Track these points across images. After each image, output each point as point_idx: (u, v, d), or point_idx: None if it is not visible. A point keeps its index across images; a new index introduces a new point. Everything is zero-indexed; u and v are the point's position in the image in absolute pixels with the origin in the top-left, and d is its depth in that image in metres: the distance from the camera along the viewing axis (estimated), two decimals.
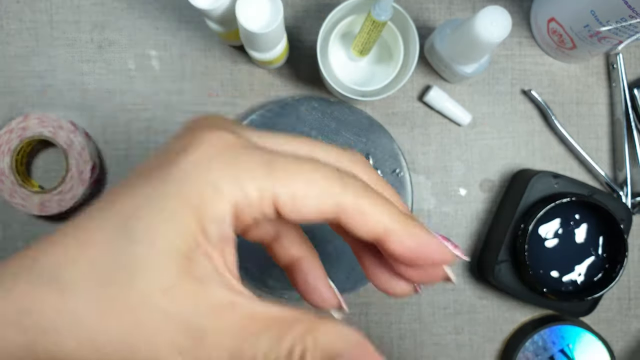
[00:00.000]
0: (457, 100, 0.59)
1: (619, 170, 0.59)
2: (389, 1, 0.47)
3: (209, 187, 0.20)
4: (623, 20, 0.47)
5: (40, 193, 0.55)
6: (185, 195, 0.20)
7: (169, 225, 0.19)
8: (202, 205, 0.20)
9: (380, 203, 0.22)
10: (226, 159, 0.20)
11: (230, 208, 0.20)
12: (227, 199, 0.20)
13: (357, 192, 0.22)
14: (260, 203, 0.21)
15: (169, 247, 0.19)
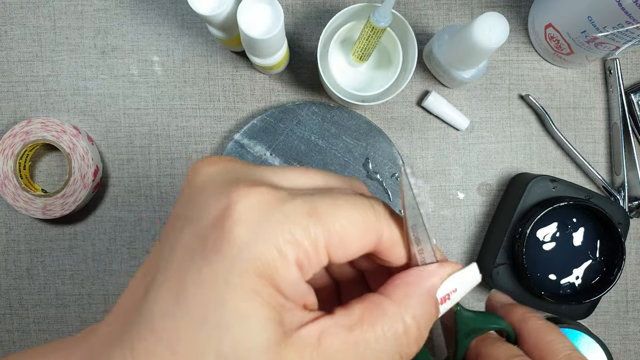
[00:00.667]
0: (456, 105, 0.59)
1: (616, 174, 0.60)
2: (388, 7, 0.47)
3: (274, 252, 0.19)
4: (620, 26, 0.47)
5: (43, 197, 0.56)
6: (255, 268, 0.19)
7: (254, 303, 0.19)
8: (274, 274, 0.19)
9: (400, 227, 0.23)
10: (276, 218, 0.19)
11: (297, 270, 0.20)
12: (293, 260, 0.19)
13: (388, 220, 0.22)
14: (317, 254, 0.20)
15: (262, 323, 0.19)
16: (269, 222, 0.19)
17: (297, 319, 0.20)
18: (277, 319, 0.19)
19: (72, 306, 0.60)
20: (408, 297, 0.22)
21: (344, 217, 0.20)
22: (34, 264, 0.60)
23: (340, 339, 0.20)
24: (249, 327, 0.18)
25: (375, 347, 0.20)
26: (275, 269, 0.19)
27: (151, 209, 0.60)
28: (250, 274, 0.19)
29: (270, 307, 0.19)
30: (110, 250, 0.60)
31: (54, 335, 0.60)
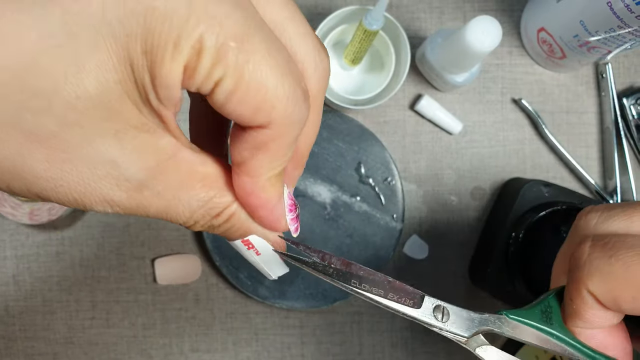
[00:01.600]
0: (448, 109, 0.59)
1: (608, 179, 0.59)
2: (381, 11, 0.47)
3: (169, 38, 0.16)
4: (612, 30, 0.47)
5: (30, 202, 0.55)
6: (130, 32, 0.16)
7: (114, 50, 0.16)
8: (154, 61, 0.17)
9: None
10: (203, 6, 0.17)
11: (181, 75, 0.17)
12: (181, 62, 0.17)
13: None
14: (210, 77, 0.17)
15: (116, 87, 0.17)
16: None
17: (157, 121, 0.18)
18: (134, 98, 0.17)
19: (59, 313, 0.59)
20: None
21: (265, 70, 0.18)
22: (20, 270, 0.59)
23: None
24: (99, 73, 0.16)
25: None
26: (158, 58, 0.17)
27: None
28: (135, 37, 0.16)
29: (124, 73, 0.17)
30: (98, 256, 0.59)
31: (41, 342, 0.59)
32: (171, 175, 0.19)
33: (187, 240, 0.59)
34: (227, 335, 0.60)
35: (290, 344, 0.60)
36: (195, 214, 0.20)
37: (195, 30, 0.16)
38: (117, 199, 0.19)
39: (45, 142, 0.17)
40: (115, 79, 0.17)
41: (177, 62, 0.17)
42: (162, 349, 0.60)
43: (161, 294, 0.59)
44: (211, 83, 0.17)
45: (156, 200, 0.19)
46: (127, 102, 0.17)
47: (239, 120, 0.19)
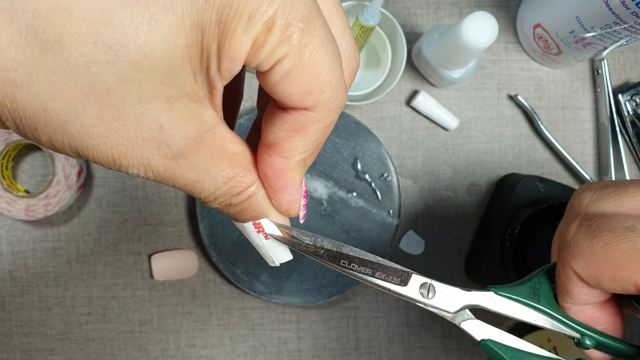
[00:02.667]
0: (445, 105, 0.59)
1: (604, 175, 0.60)
2: (377, 6, 0.47)
3: (245, 9, 0.17)
4: (607, 26, 0.47)
5: (26, 197, 0.55)
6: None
7: (189, 15, 0.17)
8: (226, 31, 0.17)
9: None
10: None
11: (249, 48, 0.17)
12: (252, 35, 0.17)
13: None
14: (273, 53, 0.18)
15: (182, 53, 0.17)
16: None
17: (206, 92, 0.19)
18: (196, 66, 0.17)
19: (55, 308, 0.59)
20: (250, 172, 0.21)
21: (322, 54, 0.18)
22: (16, 266, 0.59)
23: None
24: (158, 32, 0.16)
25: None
26: (229, 31, 0.17)
27: (136, 210, 0.59)
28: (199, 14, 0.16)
29: (197, 52, 0.17)
30: (94, 252, 0.59)
31: (38, 338, 0.59)
32: (205, 149, 0.19)
33: (183, 236, 0.59)
34: (224, 330, 0.60)
35: (287, 339, 0.60)
36: (218, 190, 0.21)
37: (271, 7, 0.17)
38: (154, 163, 0.19)
39: (101, 97, 0.17)
40: (183, 44, 0.17)
41: (248, 35, 0.17)
42: (158, 344, 0.60)
43: (158, 290, 0.59)
44: (273, 60, 0.18)
45: (187, 172, 0.20)
46: (187, 68, 0.17)
47: (286, 100, 0.19)
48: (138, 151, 0.18)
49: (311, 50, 0.18)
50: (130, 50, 0.16)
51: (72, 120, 0.17)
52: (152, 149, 0.18)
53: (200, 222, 0.56)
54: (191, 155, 0.19)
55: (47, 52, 0.16)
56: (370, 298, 0.60)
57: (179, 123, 0.18)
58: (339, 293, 0.57)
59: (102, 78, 0.16)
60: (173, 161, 0.19)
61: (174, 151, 0.19)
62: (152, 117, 0.18)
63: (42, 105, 0.16)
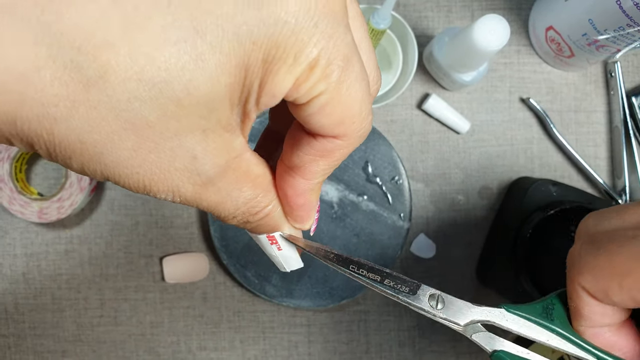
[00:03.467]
0: (456, 108, 0.59)
1: (617, 178, 0.59)
2: (388, 9, 0.47)
3: (291, 50, 0.17)
4: (621, 29, 0.47)
5: (39, 200, 0.55)
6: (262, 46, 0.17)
7: (235, 56, 0.17)
8: (270, 70, 0.17)
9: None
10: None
11: (291, 86, 0.18)
12: (295, 75, 0.18)
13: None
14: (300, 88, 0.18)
15: (227, 83, 0.17)
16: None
17: (238, 121, 0.19)
18: (236, 96, 0.18)
19: (68, 310, 0.60)
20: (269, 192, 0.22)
21: (357, 89, 0.19)
22: (29, 268, 0.59)
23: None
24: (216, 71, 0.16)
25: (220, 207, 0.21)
26: (273, 69, 0.17)
27: (148, 212, 0.59)
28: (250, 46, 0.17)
29: (241, 86, 0.17)
30: (106, 255, 0.59)
31: (50, 340, 0.60)
32: (231, 173, 0.20)
33: (194, 238, 0.59)
34: (234, 333, 0.60)
35: (298, 342, 0.60)
36: (238, 210, 0.21)
37: (316, 48, 0.17)
38: (183, 190, 0.19)
39: (139, 131, 0.17)
40: (226, 82, 0.17)
41: (292, 74, 0.17)
42: (170, 347, 0.60)
43: (169, 292, 0.60)
44: (310, 96, 0.18)
45: (213, 195, 0.20)
46: (226, 103, 0.18)
47: (317, 129, 0.20)
48: (169, 180, 0.19)
49: (348, 86, 0.18)
50: (174, 88, 0.16)
51: (108, 151, 0.17)
52: (184, 177, 0.19)
53: (211, 225, 0.56)
54: (218, 181, 0.20)
55: (90, 88, 0.16)
56: (380, 302, 0.60)
57: (212, 153, 0.19)
58: (350, 297, 0.57)
59: (143, 113, 0.16)
60: (202, 187, 0.19)
61: (204, 179, 0.19)
62: (187, 148, 0.18)
63: (80, 138, 0.16)
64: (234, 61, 0.17)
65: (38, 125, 0.16)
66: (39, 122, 0.16)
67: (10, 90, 0.15)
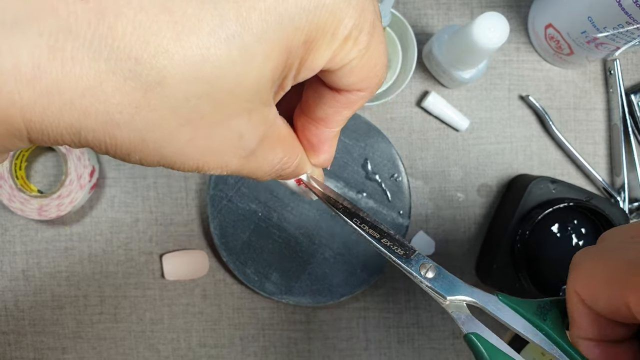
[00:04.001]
0: (455, 105, 0.59)
1: (616, 176, 0.59)
2: (388, 7, 0.47)
3: (329, 29, 0.18)
4: (620, 26, 0.47)
5: (39, 197, 0.55)
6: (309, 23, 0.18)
7: (279, 42, 0.18)
8: (310, 49, 0.19)
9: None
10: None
11: (328, 59, 0.20)
12: (332, 49, 0.19)
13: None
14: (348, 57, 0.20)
15: (271, 61, 0.18)
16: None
17: (271, 96, 0.20)
18: (278, 73, 0.19)
19: (68, 308, 0.60)
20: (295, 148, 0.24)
21: (381, 49, 0.21)
22: (29, 266, 0.59)
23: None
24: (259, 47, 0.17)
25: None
26: (316, 46, 0.19)
27: (148, 210, 0.59)
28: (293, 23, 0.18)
29: (284, 62, 0.18)
30: (106, 252, 0.59)
31: (50, 337, 0.60)
32: (267, 141, 0.21)
33: (194, 235, 0.60)
34: (234, 330, 0.60)
35: (297, 339, 0.60)
36: (273, 169, 0.23)
37: (350, 22, 0.18)
38: (231, 165, 0.20)
39: (195, 123, 0.18)
40: (271, 67, 0.18)
41: (330, 49, 0.19)
42: (169, 343, 0.60)
43: (169, 289, 0.60)
44: (343, 63, 0.20)
45: (253, 162, 0.21)
46: (269, 84, 0.19)
47: (344, 87, 0.22)
48: (220, 158, 0.20)
49: (374, 48, 0.20)
50: (226, 81, 0.17)
51: (167, 145, 0.18)
52: (231, 154, 0.20)
53: (211, 222, 0.57)
54: (258, 150, 0.21)
55: (149, 94, 0.16)
56: (380, 299, 0.60)
57: (254, 128, 0.20)
58: (349, 294, 0.57)
59: (198, 108, 0.17)
60: (245, 159, 0.21)
61: (247, 151, 0.20)
62: (235, 130, 0.19)
63: (141, 138, 0.17)
64: (278, 47, 0.18)
65: (102, 133, 0.17)
66: (103, 130, 0.17)
67: (76, 105, 0.16)
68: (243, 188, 0.57)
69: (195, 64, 0.16)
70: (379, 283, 0.60)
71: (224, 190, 0.57)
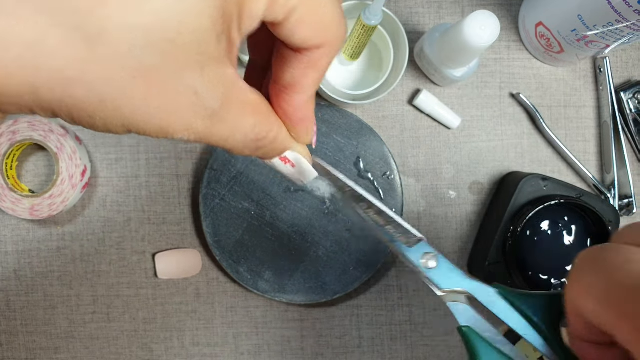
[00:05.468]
0: (447, 103, 0.59)
1: (606, 173, 0.60)
2: (379, 6, 0.47)
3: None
4: (610, 24, 0.48)
5: (30, 197, 0.55)
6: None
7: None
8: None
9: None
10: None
11: (266, 6, 0.20)
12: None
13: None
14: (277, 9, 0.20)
15: (207, 15, 0.18)
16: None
17: (226, 51, 0.20)
18: (219, 27, 0.19)
19: (60, 307, 0.60)
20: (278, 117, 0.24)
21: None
22: (21, 265, 0.59)
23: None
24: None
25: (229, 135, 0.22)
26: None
27: (140, 209, 0.59)
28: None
29: (222, 14, 0.19)
30: (99, 251, 0.59)
31: (43, 337, 0.60)
32: (233, 103, 0.21)
33: (187, 235, 0.59)
34: (227, 329, 0.60)
35: (290, 337, 0.60)
36: (247, 138, 0.22)
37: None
38: (195, 126, 0.20)
39: (146, 76, 0.18)
40: (209, 14, 0.18)
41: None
42: (163, 343, 0.60)
43: (162, 289, 0.60)
44: (285, 12, 0.20)
45: (222, 128, 0.21)
46: (212, 35, 0.19)
47: (301, 43, 0.22)
48: (181, 118, 0.20)
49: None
50: (166, 30, 0.18)
51: (125, 104, 0.18)
52: (191, 113, 0.20)
53: (204, 221, 0.57)
54: (223, 113, 0.21)
55: (93, 45, 0.17)
56: (373, 296, 0.60)
57: (209, 85, 0.20)
58: (342, 291, 0.57)
59: (144, 59, 0.18)
60: (209, 120, 0.21)
61: (209, 111, 0.20)
62: (188, 85, 0.19)
63: (98, 96, 0.18)
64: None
65: (60, 92, 0.17)
66: (61, 89, 0.17)
67: (26, 60, 0.16)
68: (236, 187, 0.57)
69: (133, 13, 0.17)
70: (372, 281, 0.60)
71: (216, 189, 0.57)
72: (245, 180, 0.57)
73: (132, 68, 0.18)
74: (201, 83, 0.19)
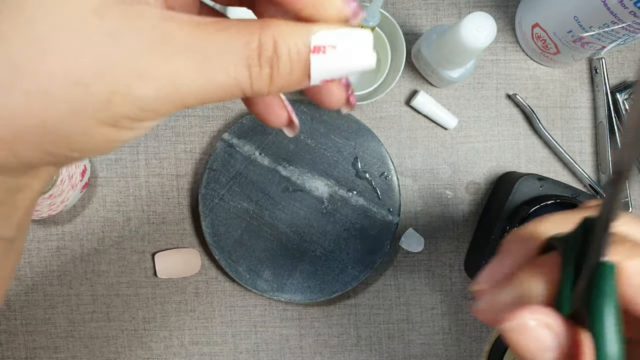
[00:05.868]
0: (444, 104, 0.60)
1: (602, 173, 0.60)
2: (377, 7, 0.48)
3: None
4: (605, 26, 0.48)
5: None
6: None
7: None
8: None
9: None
10: None
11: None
12: None
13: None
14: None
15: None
16: None
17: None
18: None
19: (60, 307, 0.60)
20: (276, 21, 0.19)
21: None
22: (21, 265, 0.59)
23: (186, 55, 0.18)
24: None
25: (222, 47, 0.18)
26: None
27: (139, 209, 0.60)
28: None
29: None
30: (98, 251, 0.60)
31: (42, 336, 0.60)
32: (182, 38, 0.18)
33: (186, 234, 0.60)
34: (226, 328, 0.61)
35: (289, 336, 0.61)
36: (242, 56, 0.18)
37: None
38: (185, 76, 0.18)
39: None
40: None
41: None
42: (162, 341, 0.60)
43: (161, 288, 0.60)
44: None
45: (204, 68, 0.18)
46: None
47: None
48: (129, 95, 0.18)
49: None
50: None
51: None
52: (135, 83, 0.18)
53: (203, 220, 0.57)
54: (188, 51, 0.18)
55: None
56: (371, 295, 0.61)
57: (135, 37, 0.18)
58: (340, 290, 0.58)
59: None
60: (197, 63, 0.18)
61: (174, 50, 0.18)
62: (131, 61, 0.18)
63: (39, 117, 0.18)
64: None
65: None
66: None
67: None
68: (235, 187, 0.57)
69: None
70: (370, 280, 0.61)
71: (215, 189, 0.57)
72: (244, 180, 0.57)
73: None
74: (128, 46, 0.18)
